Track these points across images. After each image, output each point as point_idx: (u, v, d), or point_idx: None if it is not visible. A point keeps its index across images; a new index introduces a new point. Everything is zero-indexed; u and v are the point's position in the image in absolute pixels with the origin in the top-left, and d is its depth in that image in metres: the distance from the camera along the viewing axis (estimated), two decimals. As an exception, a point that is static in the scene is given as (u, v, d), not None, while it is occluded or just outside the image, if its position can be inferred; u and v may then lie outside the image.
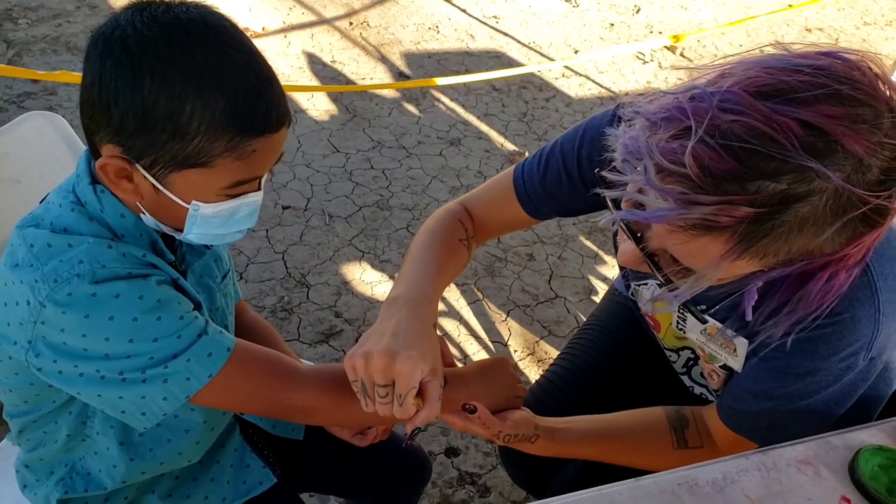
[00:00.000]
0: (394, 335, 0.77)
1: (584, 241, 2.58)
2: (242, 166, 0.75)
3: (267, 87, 0.74)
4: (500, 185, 1.06)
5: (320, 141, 2.86)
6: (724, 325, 0.88)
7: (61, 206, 0.79)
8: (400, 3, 4.05)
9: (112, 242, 0.77)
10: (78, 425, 0.88)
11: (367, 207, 2.57)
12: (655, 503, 0.72)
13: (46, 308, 0.71)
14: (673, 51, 3.97)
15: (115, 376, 0.74)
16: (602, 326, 1.29)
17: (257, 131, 0.73)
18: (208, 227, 0.80)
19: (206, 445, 0.98)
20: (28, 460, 0.96)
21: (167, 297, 0.76)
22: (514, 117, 3.22)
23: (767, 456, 0.78)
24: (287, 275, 2.24)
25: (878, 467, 0.77)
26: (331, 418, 0.96)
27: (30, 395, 0.85)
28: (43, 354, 0.74)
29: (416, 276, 0.91)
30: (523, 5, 4.27)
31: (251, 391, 0.82)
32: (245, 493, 1.01)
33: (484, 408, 0.89)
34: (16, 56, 3.06)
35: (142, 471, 0.92)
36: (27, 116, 1.17)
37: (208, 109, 0.70)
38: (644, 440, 0.96)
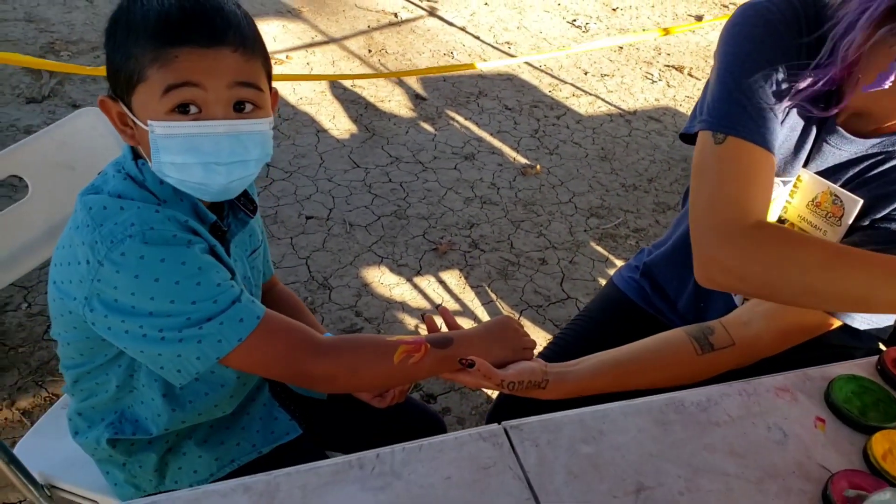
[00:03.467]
0: None
1: (595, 246, 2.66)
2: (168, 72, 0.79)
3: (196, 6, 0.81)
4: (742, 168, 0.91)
5: (341, 157, 2.99)
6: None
7: (115, 176, 0.90)
8: (416, 31, 4.22)
9: (159, 207, 0.86)
10: (126, 377, 0.97)
11: (386, 217, 2.68)
12: (644, 420, 0.79)
13: (104, 266, 0.80)
14: (680, 70, 4.08)
15: (155, 334, 0.82)
16: (591, 317, 1.33)
17: (179, 41, 0.79)
18: (169, 153, 0.83)
19: (238, 399, 1.07)
20: (81, 408, 1.05)
21: (207, 264, 0.85)
22: (526, 134, 3.33)
23: (748, 384, 0.86)
24: (310, 278, 2.35)
25: (851, 393, 0.84)
26: (348, 385, 0.99)
27: (85, 348, 0.95)
28: (96, 310, 0.83)
29: None
30: (534, 31, 4.42)
31: (275, 357, 0.89)
32: (273, 441, 1.10)
33: (482, 361, 0.92)
34: (58, 84, 3.24)
35: (182, 420, 1.01)
36: (82, 112, 1.29)
37: (140, 29, 0.79)
38: (663, 354, 0.96)
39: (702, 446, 0.76)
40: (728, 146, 0.90)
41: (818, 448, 0.77)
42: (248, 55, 0.84)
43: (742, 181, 0.89)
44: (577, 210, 2.86)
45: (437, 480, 0.70)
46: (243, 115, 0.85)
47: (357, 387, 1.08)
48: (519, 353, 1.00)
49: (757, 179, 0.90)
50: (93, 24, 3.75)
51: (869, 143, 0.95)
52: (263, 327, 0.86)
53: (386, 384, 1.09)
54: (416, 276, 2.41)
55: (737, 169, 0.89)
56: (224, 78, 0.82)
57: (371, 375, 0.94)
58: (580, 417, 0.79)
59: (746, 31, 0.94)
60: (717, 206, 0.88)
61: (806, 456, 0.76)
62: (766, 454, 0.76)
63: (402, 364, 0.91)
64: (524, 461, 0.72)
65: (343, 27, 4.12)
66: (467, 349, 0.95)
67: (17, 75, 3.22)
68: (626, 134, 3.45)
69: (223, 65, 0.82)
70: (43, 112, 3.01)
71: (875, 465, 0.74)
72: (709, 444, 0.76)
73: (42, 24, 3.67)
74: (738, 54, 0.93)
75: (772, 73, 0.91)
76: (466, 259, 2.52)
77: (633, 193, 3.00)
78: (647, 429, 0.78)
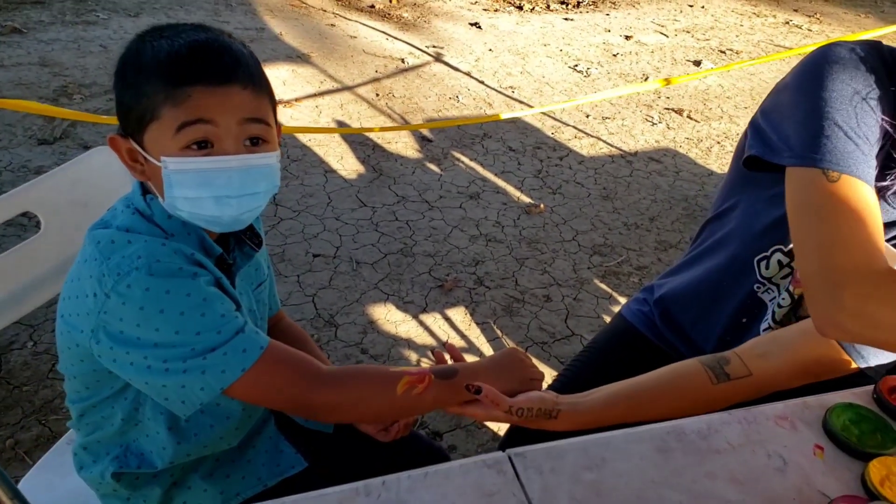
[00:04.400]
0: None
1: (599, 283, 2.68)
2: (180, 111, 0.82)
3: (207, 45, 0.84)
4: (862, 209, 0.87)
5: (349, 197, 3.04)
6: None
7: (123, 211, 0.92)
8: (422, 76, 4.32)
9: (165, 240, 0.88)
10: (131, 410, 0.98)
11: (392, 255, 2.71)
12: (646, 447, 0.81)
13: (110, 299, 0.82)
14: (680, 113, 4.16)
15: (159, 365, 0.83)
16: (598, 349, 1.33)
17: (191, 80, 0.82)
18: (182, 188, 0.85)
19: (244, 431, 1.08)
20: (86, 443, 1.05)
21: (212, 295, 0.86)
22: (530, 174, 3.39)
23: (749, 412, 0.87)
24: (317, 315, 2.37)
25: (848, 421, 0.85)
26: (351, 415, 0.99)
27: (91, 381, 0.96)
28: (102, 342, 0.85)
29: None
30: (537, 76, 4.52)
31: (279, 387, 0.88)
32: (279, 475, 1.10)
33: (489, 387, 0.91)
34: (69, 126, 3.33)
35: (187, 453, 1.02)
36: (96, 150, 1.34)
37: (153, 68, 0.82)
38: (678, 384, 0.95)
39: (703, 473, 0.77)
40: (844, 185, 0.86)
41: (817, 475, 0.78)
42: (256, 92, 0.87)
43: (864, 222, 0.85)
44: (581, 248, 2.89)
45: (441, 506, 0.71)
46: (253, 149, 0.88)
47: (360, 417, 1.08)
48: (526, 384, 1.00)
49: (876, 220, 0.86)
50: (106, 68, 3.86)
51: None
52: (267, 357, 0.87)
53: (390, 415, 1.09)
54: (422, 313, 2.43)
55: (857, 209, 0.85)
56: (235, 114, 0.85)
57: (375, 406, 0.94)
58: (583, 445, 0.80)
59: (841, 69, 0.91)
60: (846, 251, 0.83)
61: (805, 483, 0.77)
62: (767, 481, 0.77)
63: (405, 395, 0.91)
64: (528, 488, 0.73)
65: (351, 72, 4.23)
66: (473, 380, 0.94)
67: (29, 117, 3.30)
68: (627, 174, 3.49)
69: (234, 102, 0.85)
70: (54, 153, 3.08)
71: (873, 490, 0.74)
72: (710, 472, 0.77)
73: (56, 68, 3.78)
74: (839, 91, 0.90)
75: (873, 113, 0.89)
76: (472, 296, 2.54)
77: (635, 232, 3.04)
78: (649, 456, 0.79)
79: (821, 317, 0.84)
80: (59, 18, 4.39)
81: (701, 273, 1.23)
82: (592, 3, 6.18)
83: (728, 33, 5.62)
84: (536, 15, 5.75)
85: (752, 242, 1.11)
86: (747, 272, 1.13)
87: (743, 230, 1.13)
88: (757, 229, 1.10)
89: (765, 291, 1.13)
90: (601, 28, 5.56)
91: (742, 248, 1.13)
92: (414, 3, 5.68)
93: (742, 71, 4.90)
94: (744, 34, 5.64)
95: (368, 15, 5.30)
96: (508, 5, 5.88)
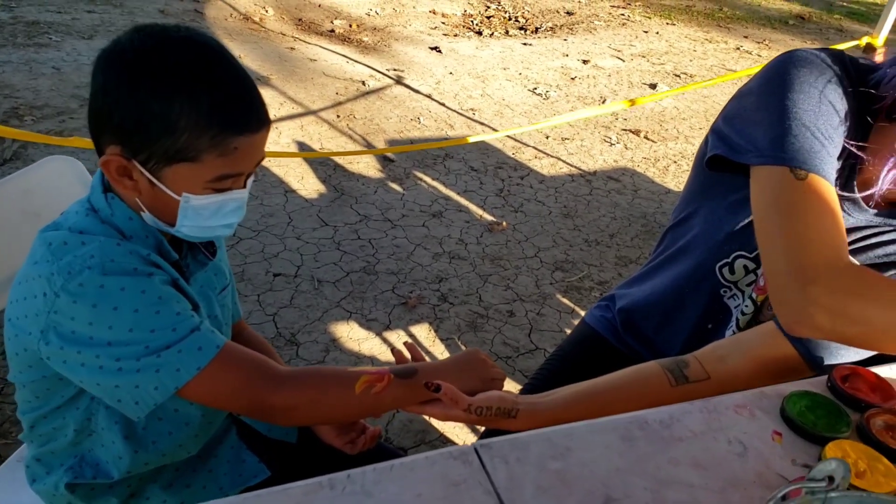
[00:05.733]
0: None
1: (562, 298, 2.71)
2: (226, 162, 0.84)
3: (248, 92, 0.86)
4: (825, 206, 0.87)
5: (310, 216, 3.02)
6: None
7: (77, 213, 0.90)
8: (383, 98, 4.35)
9: (121, 241, 0.87)
10: (83, 421, 0.95)
11: (355, 273, 2.70)
12: (610, 437, 0.81)
13: (60, 298, 0.80)
14: (637, 134, 4.26)
15: (112, 364, 0.81)
16: (564, 356, 1.35)
17: (238, 130, 0.83)
18: (198, 218, 0.89)
19: (204, 438, 1.06)
20: (40, 454, 1.02)
21: (167, 294, 0.85)
22: (492, 193, 3.42)
23: (709, 402, 0.88)
24: (277, 334, 2.34)
25: (804, 407, 0.87)
26: (309, 416, 0.98)
27: (41, 389, 0.93)
28: (52, 343, 0.82)
29: None
30: (497, 98, 4.59)
31: (235, 387, 0.87)
32: (241, 484, 1.08)
33: (449, 385, 0.91)
34: (20, 148, 3.25)
35: (145, 462, 0.99)
36: (49, 159, 1.31)
37: (194, 109, 0.81)
38: (637, 385, 0.96)
39: (666, 460, 0.78)
40: (811, 183, 0.87)
41: (776, 459, 0.80)
42: (268, 130, 0.90)
43: (832, 219, 0.86)
44: (543, 264, 2.92)
45: (408, 498, 0.70)
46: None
47: (318, 418, 1.06)
48: (487, 384, 1.00)
49: (841, 218, 0.87)
50: (59, 89, 3.79)
51: (871, 214, 0.99)
52: (223, 356, 0.86)
53: (348, 416, 1.07)
54: (386, 331, 2.41)
55: (824, 207, 0.86)
56: (258, 158, 0.89)
57: (333, 406, 0.93)
58: (547, 436, 0.80)
59: (808, 72, 0.93)
60: (811, 247, 0.84)
61: (765, 466, 0.78)
62: (728, 466, 0.78)
63: (364, 394, 0.91)
64: (494, 477, 0.73)
65: (311, 94, 4.23)
66: (433, 379, 0.94)
67: (-19, 139, 3.21)
68: (587, 193, 3.55)
69: (261, 147, 0.89)
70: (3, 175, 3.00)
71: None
72: (673, 458, 0.78)
73: (6, 90, 3.70)
74: (806, 92, 0.91)
75: (837, 115, 0.91)
76: (436, 312, 2.54)
77: (595, 248, 3.08)
78: (614, 445, 0.79)
79: (791, 315, 0.85)
80: (10, 41, 4.31)
81: (664, 281, 1.25)
82: (550, 28, 6.32)
83: (682, 58, 5.81)
84: (496, 40, 5.86)
85: (715, 249, 1.13)
86: (710, 278, 1.15)
87: (705, 237, 1.15)
88: (719, 237, 1.12)
89: (731, 297, 1.15)
90: (559, 53, 5.68)
91: (706, 255, 1.15)
92: (374, 27, 5.74)
93: (696, 93, 5.06)
94: (697, 59, 5.83)
95: (328, 39, 5.33)
96: (468, 30, 5.98)
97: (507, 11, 6.65)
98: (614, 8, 7.31)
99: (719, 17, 7.51)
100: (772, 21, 7.55)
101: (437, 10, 6.44)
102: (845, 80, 0.94)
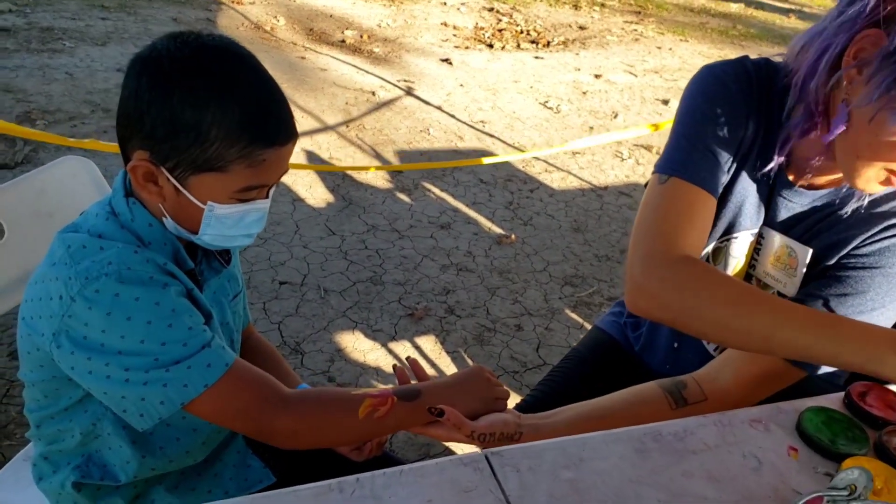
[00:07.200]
0: None
1: (570, 313, 2.69)
2: (254, 173, 0.85)
3: (278, 105, 0.86)
4: (679, 206, 0.96)
5: (317, 225, 3.02)
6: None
7: (97, 215, 0.90)
8: (393, 108, 4.37)
9: (138, 248, 0.87)
10: (90, 426, 0.94)
11: (361, 283, 2.69)
12: (624, 447, 0.80)
13: (76, 303, 0.80)
14: (649, 149, 4.26)
15: (120, 374, 0.81)
16: (579, 357, 1.36)
17: (268, 142, 0.84)
18: (221, 227, 0.89)
19: (211, 445, 1.05)
20: (47, 452, 1.01)
21: (181, 307, 0.85)
22: (501, 205, 3.42)
23: (724, 416, 0.87)
24: (282, 343, 2.33)
25: (821, 423, 0.86)
26: (312, 441, 0.96)
27: (50, 389, 0.93)
28: (63, 346, 0.82)
29: None
30: (508, 111, 4.60)
31: (240, 407, 0.86)
32: (246, 489, 1.07)
33: (452, 410, 0.91)
34: (32, 151, 3.27)
35: (152, 467, 0.98)
36: (64, 160, 1.31)
37: (226, 119, 0.81)
38: (639, 409, 0.98)
39: (680, 472, 0.77)
40: (669, 185, 0.96)
41: (792, 474, 0.78)
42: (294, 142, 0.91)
43: (676, 217, 0.94)
44: (552, 278, 2.90)
45: (418, 503, 0.69)
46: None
47: (320, 443, 1.03)
48: (490, 405, 0.99)
49: (692, 217, 0.96)
50: (71, 94, 3.83)
51: (818, 194, 1.01)
52: (231, 375, 0.85)
53: (352, 440, 1.07)
54: (391, 342, 2.40)
55: (673, 206, 0.95)
56: (283, 170, 0.90)
57: (336, 432, 0.92)
58: (561, 445, 0.79)
59: (700, 87, 1.01)
60: (650, 238, 0.93)
61: (781, 481, 0.77)
62: (743, 480, 0.77)
63: (367, 418, 0.90)
64: (505, 486, 0.72)
65: (321, 104, 4.25)
66: (436, 401, 0.93)
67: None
68: (597, 207, 3.55)
69: (287, 159, 0.90)
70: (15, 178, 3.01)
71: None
72: (687, 471, 0.77)
73: (19, 94, 3.73)
74: (689, 106, 1.01)
75: (719, 123, 0.98)
76: (442, 325, 2.52)
77: (605, 264, 3.07)
78: (627, 456, 0.78)
79: (626, 294, 0.94)
80: (24, 46, 4.35)
81: None
82: (562, 42, 6.35)
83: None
84: (507, 53, 5.88)
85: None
86: None
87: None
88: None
89: None
90: (571, 67, 5.70)
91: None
92: (385, 38, 5.77)
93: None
94: (706, 77, 5.82)
95: (339, 49, 5.36)
96: (479, 43, 6.01)
97: (518, 25, 6.68)
98: (627, 23, 7.33)
99: (733, 34, 7.53)
100: (786, 39, 7.56)
101: (448, 22, 6.48)
102: (750, 88, 1.00)
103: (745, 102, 0.99)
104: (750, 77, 1.00)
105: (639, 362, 1.31)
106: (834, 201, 1.01)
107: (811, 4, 9.77)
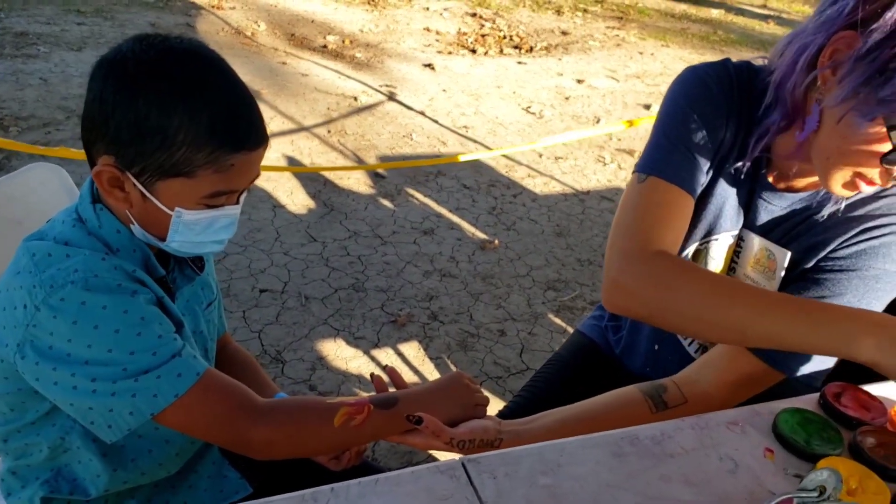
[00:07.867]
0: None
1: (553, 318, 2.69)
2: (222, 178, 0.83)
3: (248, 108, 0.85)
4: (657, 204, 0.97)
5: (298, 232, 3.00)
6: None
7: (64, 222, 0.88)
8: (375, 114, 4.36)
9: (106, 255, 0.85)
10: (58, 440, 0.92)
11: (343, 290, 2.67)
12: (601, 452, 0.79)
13: (40, 311, 0.78)
14: (631, 154, 4.28)
15: (87, 384, 0.79)
16: (561, 362, 1.37)
17: (237, 146, 0.82)
18: (189, 233, 0.87)
19: (185, 457, 1.03)
20: (15, 467, 0.98)
21: (150, 315, 0.83)
22: (484, 211, 3.41)
23: (700, 419, 0.87)
24: (263, 351, 2.31)
25: (796, 424, 0.86)
26: (287, 451, 0.94)
27: (16, 402, 0.90)
28: (28, 357, 0.80)
29: None
30: (491, 116, 4.61)
31: (212, 418, 0.85)
32: (222, 500, 1.05)
33: (430, 417, 0.90)
34: (4, 159, 3.22)
35: (124, 480, 0.96)
36: (33, 166, 1.29)
37: (193, 123, 0.79)
38: (619, 413, 0.98)
39: (657, 476, 0.76)
40: (648, 184, 0.97)
41: (768, 476, 0.78)
42: (266, 147, 0.89)
43: (654, 216, 0.95)
44: (535, 283, 2.90)
45: (391, 513, 0.68)
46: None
47: (296, 453, 1.01)
48: (470, 411, 0.98)
49: (669, 215, 0.96)
50: (45, 100, 3.78)
51: (797, 197, 1.02)
52: (202, 384, 0.83)
53: (329, 449, 1.06)
54: (374, 349, 2.39)
55: (651, 204, 0.96)
56: (253, 175, 0.88)
57: (312, 441, 0.91)
58: (538, 451, 0.78)
59: (683, 88, 1.02)
60: (628, 234, 0.94)
61: (757, 483, 0.77)
62: (720, 483, 0.76)
63: (343, 427, 0.89)
64: (482, 493, 0.71)
65: (302, 109, 4.24)
66: (414, 408, 0.92)
67: (-35, 150, 3.19)
68: (580, 212, 3.56)
69: (258, 164, 0.88)
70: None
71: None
72: (664, 475, 0.77)
73: (-8, 101, 3.68)
74: (671, 107, 1.01)
75: (700, 124, 0.99)
76: (426, 331, 2.51)
77: (588, 268, 3.07)
78: (604, 461, 0.78)
79: (603, 290, 0.95)
80: (-1, 52, 4.31)
81: None
82: (545, 48, 6.37)
83: (672, 81, 5.85)
84: (490, 58, 5.90)
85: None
86: None
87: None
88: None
89: None
90: (553, 72, 5.72)
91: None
92: (367, 43, 5.76)
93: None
94: (686, 82, 5.87)
95: (321, 54, 5.35)
96: (462, 48, 6.02)
97: (501, 30, 6.70)
98: (609, 29, 7.38)
99: (714, 39, 7.59)
100: (765, 44, 7.64)
101: (431, 27, 6.48)
102: (731, 90, 1.00)
103: (727, 104, 1.00)
104: (731, 79, 1.01)
105: (619, 365, 1.31)
106: (812, 204, 1.01)
107: (789, 10, 9.89)
